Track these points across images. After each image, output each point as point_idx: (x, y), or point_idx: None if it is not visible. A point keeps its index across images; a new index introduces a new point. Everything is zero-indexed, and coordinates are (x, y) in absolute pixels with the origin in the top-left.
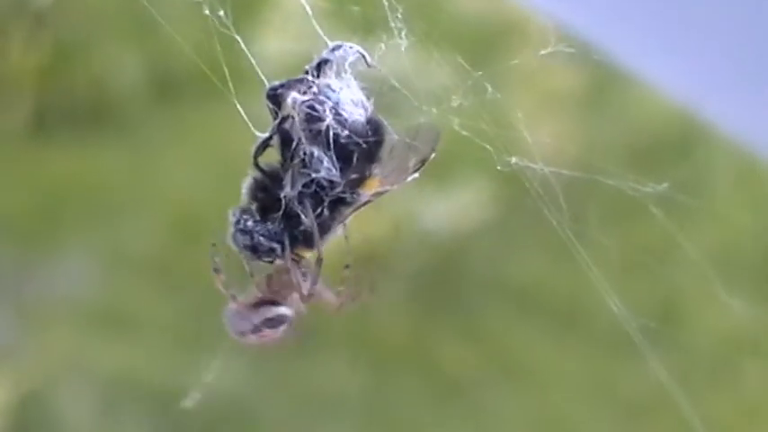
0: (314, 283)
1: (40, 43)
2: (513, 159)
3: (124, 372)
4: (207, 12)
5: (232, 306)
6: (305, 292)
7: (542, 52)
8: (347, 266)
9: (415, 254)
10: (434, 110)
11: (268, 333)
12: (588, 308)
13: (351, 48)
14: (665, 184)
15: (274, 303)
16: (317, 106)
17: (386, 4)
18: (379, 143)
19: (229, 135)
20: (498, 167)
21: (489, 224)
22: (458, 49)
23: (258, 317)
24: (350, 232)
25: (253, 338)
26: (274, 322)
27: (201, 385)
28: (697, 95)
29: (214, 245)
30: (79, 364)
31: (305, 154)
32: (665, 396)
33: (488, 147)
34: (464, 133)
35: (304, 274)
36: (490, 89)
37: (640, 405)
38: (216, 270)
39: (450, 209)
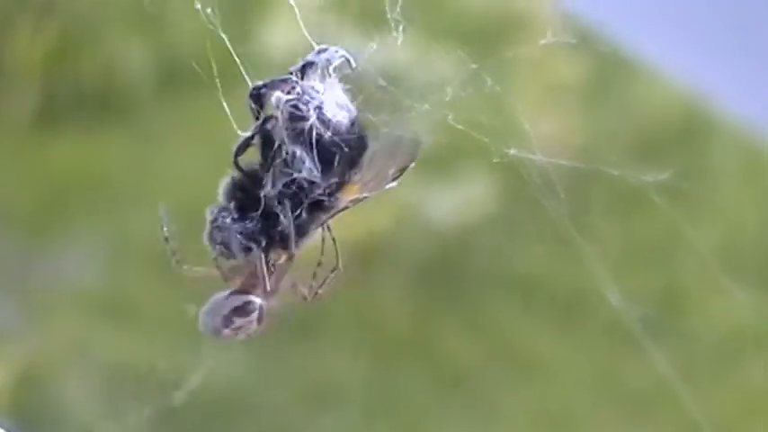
0: (279, 279)
1: (46, 33)
2: (512, 151)
3: (127, 359)
4: (198, 6)
5: (204, 305)
6: (267, 287)
7: (543, 41)
8: (319, 264)
9: (419, 245)
10: (427, 105)
11: (240, 323)
12: (592, 299)
13: (336, 51)
14: (667, 174)
15: (243, 293)
16: (301, 106)
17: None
18: (361, 148)
19: (235, 126)
20: (495, 159)
21: (493, 216)
22: (458, 41)
23: (226, 307)
24: (327, 235)
25: (227, 332)
26: (243, 311)
27: (188, 384)
28: (702, 86)
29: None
30: (82, 351)
31: (287, 153)
32: (668, 388)
33: (485, 139)
34: (459, 127)
35: (273, 269)
36: (489, 81)
37: (644, 397)
38: (166, 239)
39: (454, 201)
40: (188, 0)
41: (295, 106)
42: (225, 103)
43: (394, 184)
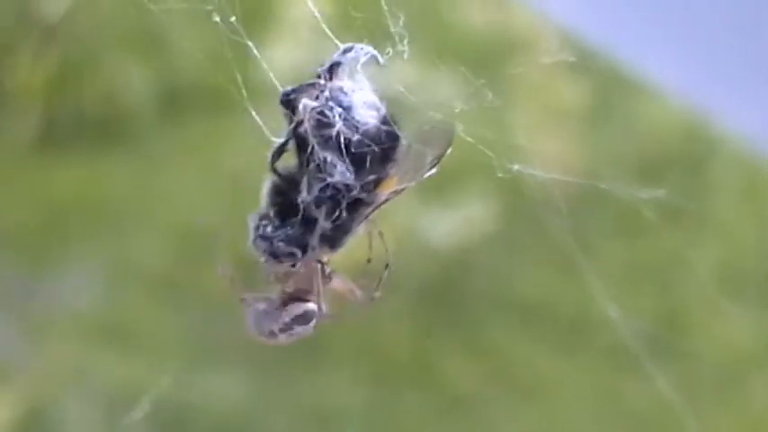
0: (327, 281)
1: (48, 58)
2: (516, 166)
3: (128, 386)
4: (217, 19)
5: (257, 306)
6: (322, 293)
7: (547, 61)
8: (369, 261)
9: (418, 267)
10: (440, 116)
11: (299, 330)
12: (593, 321)
13: (362, 49)
14: (663, 191)
15: (300, 300)
16: (327, 112)
17: (388, 15)
18: (393, 143)
19: (235, 150)
20: (499, 174)
21: (493, 236)
22: (460, 60)
23: (288, 315)
24: (374, 229)
25: (283, 337)
26: (305, 318)
27: (150, 396)
28: (703, 106)
29: (221, 257)
30: (83, 378)
31: (319, 159)
32: (670, 409)
33: (490, 153)
34: (469, 140)
35: (326, 274)
36: (491, 96)
37: (646, 418)
38: (225, 276)
39: (453, 222)
40: (188, 24)
41: (321, 113)
42: (253, 112)
43: (433, 171)
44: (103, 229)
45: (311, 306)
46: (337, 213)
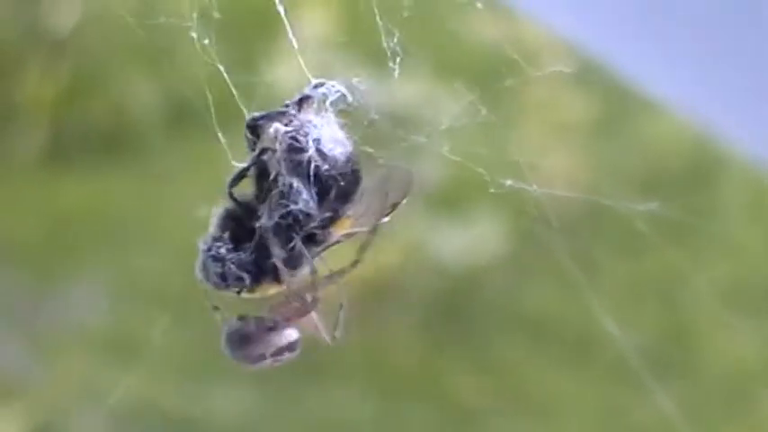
0: (314, 307)
1: (56, 72)
2: (509, 182)
3: (135, 399)
4: (193, 35)
5: (245, 326)
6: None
7: (552, 74)
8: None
9: (427, 284)
10: (423, 138)
11: (287, 356)
12: (600, 337)
13: (333, 86)
14: (656, 204)
15: (288, 327)
16: (300, 137)
17: (382, 32)
18: (355, 182)
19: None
20: (492, 190)
21: (502, 254)
22: (460, 74)
23: (281, 340)
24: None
25: (268, 362)
26: (292, 348)
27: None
28: (711, 121)
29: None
30: (91, 391)
31: (284, 185)
32: (676, 425)
33: (482, 170)
34: (454, 158)
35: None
36: (484, 112)
37: None
38: (216, 308)
39: (463, 239)
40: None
41: (294, 138)
42: (220, 134)
43: (386, 219)
44: (109, 243)
45: (297, 333)
46: (292, 244)
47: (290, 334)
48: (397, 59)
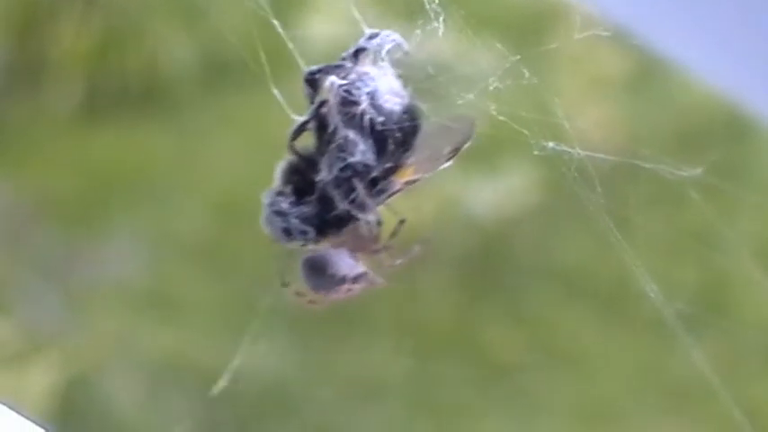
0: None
1: (90, 27)
2: (551, 144)
3: (171, 354)
4: None
5: (325, 249)
6: (376, 247)
7: (580, 36)
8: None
9: (461, 239)
10: (471, 95)
11: (356, 289)
12: (634, 292)
13: (388, 36)
14: (701, 169)
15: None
16: (354, 90)
17: None
18: (414, 132)
19: (276, 120)
20: (535, 152)
21: (534, 209)
22: (498, 33)
23: (354, 269)
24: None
25: (344, 288)
26: (366, 279)
27: (230, 371)
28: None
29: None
30: (126, 346)
31: (341, 138)
32: (710, 380)
33: (525, 131)
34: (501, 118)
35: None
36: (527, 74)
37: (686, 391)
38: (284, 284)
39: (495, 194)
40: None
41: (348, 91)
42: (275, 90)
43: (449, 164)
44: (145, 199)
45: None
46: (353, 196)
47: (359, 267)
48: (440, 18)
